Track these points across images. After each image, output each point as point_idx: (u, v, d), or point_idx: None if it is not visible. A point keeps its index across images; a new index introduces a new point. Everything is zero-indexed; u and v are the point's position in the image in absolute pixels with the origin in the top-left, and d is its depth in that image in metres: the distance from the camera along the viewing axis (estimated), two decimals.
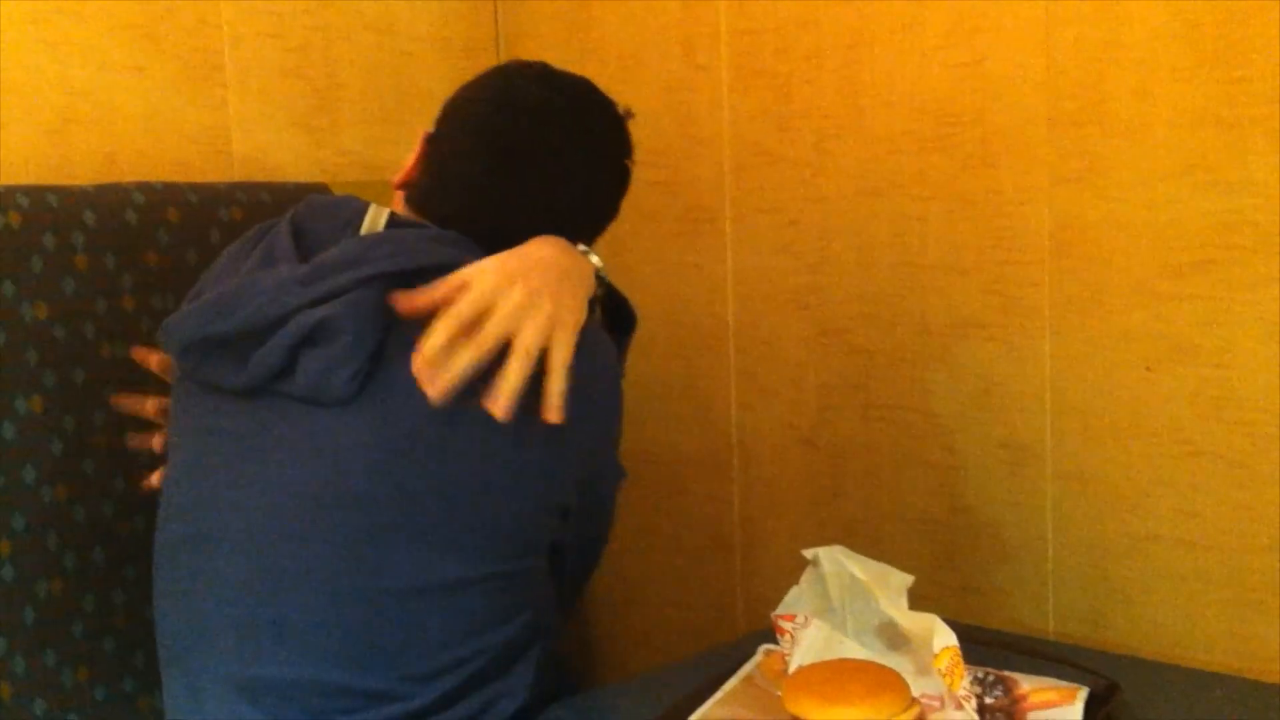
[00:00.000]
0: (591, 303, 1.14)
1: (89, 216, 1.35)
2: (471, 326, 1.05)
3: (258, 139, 1.59)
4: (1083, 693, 1.08)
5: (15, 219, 1.29)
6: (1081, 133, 1.30)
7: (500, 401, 1.04)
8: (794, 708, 1.04)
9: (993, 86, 1.36)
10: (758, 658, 1.20)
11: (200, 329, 1.13)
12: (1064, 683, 1.10)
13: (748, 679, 1.17)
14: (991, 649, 1.17)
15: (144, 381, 1.37)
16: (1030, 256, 1.35)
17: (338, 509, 1.08)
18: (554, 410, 1.06)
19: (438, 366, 1.04)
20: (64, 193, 1.35)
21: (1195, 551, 1.27)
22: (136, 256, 1.37)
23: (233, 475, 1.13)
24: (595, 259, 1.18)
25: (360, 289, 1.08)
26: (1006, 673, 1.13)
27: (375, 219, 1.17)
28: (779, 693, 1.09)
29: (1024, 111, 1.34)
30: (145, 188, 1.41)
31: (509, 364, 1.04)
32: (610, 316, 1.24)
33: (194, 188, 1.45)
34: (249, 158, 1.58)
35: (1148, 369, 1.28)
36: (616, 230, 1.71)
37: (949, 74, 1.39)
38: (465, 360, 1.04)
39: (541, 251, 1.11)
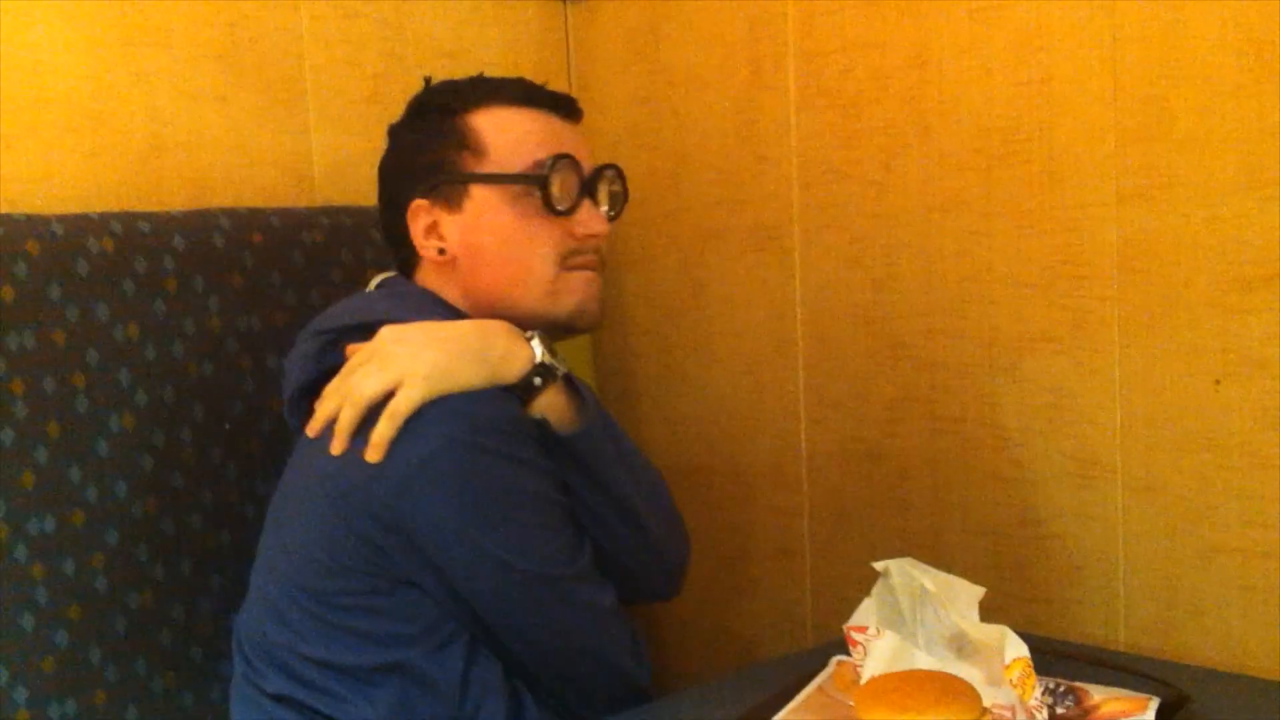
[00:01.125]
0: (529, 388, 1.20)
1: (178, 241, 1.40)
2: None
3: (338, 164, 1.63)
4: (1153, 703, 1.09)
5: (109, 244, 1.35)
6: (1147, 148, 1.31)
7: (334, 440, 1.18)
8: (867, 716, 1.06)
9: (1058, 103, 1.37)
10: (830, 668, 1.22)
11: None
12: (1134, 693, 1.11)
13: (820, 689, 1.18)
14: (1062, 660, 1.18)
15: (231, 399, 1.42)
16: (1098, 271, 1.36)
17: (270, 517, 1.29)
18: (373, 449, 1.15)
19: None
20: (154, 219, 1.40)
21: (1265, 562, 1.27)
22: (223, 279, 1.42)
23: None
24: (538, 351, 1.21)
25: (304, 342, 1.27)
26: (1077, 683, 1.14)
27: (372, 283, 1.35)
28: (851, 702, 1.11)
29: (1089, 128, 1.35)
30: (231, 213, 1.46)
31: (343, 408, 1.18)
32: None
33: (277, 212, 1.50)
34: (330, 182, 1.62)
35: (1216, 382, 1.29)
36: (688, 248, 1.74)
37: (1014, 92, 1.41)
38: (324, 408, 1.20)
39: (453, 326, 1.22)
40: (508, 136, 1.29)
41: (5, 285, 1.27)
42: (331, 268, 1.51)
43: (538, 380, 1.20)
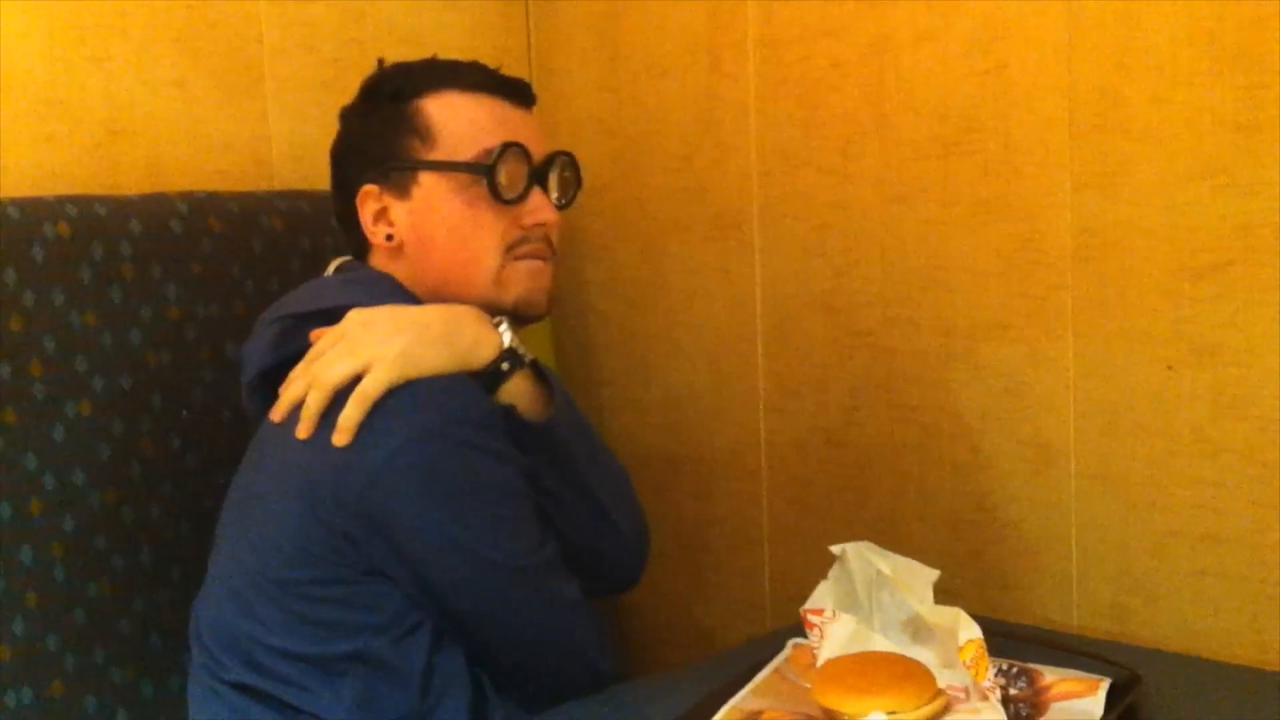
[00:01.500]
0: (497, 374, 1.21)
1: (135, 226, 1.39)
2: None
3: (296, 149, 1.63)
4: (1105, 684, 1.10)
5: (64, 229, 1.34)
6: (1102, 138, 1.32)
7: (300, 424, 1.17)
8: (823, 699, 1.07)
9: (1014, 93, 1.38)
10: (787, 651, 1.23)
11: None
12: (1087, 674, 1.13)
13: (777, 672, 1.19)
14: (1015, 642, 1.20)
15: (189, 387, 1.41)
16: (1053, 259, 1.37)
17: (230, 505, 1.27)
18: (341, 433, 1.14)
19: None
20: (111, 203, 1.39)
21: (1216, 547, 1.29)
22: (181, 265, 1.41)
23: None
24: (507, 337, 1.22)
25: (264, 328, 1.26)
26: (1030, 665, 1.15)
27: (330, 267, 1.34)
28: (808, 685, 1.12)
29: (1045, 117, 1.36)
30: (189, 197, 1.45)
31: (310, 392, 1.17)
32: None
33: (235, 197, 1.49)
34: (288, 167, 1.62)
35: (1169, 368, 1.30)
36: (649, 236, 1.75)
37: (972, 81, 1.42)
38: (290, 392, 1.20)
39: (422, 311, 1.22)
40: (457, 123, 1.28)
41: None
42: (291, 254, 1.51)
43: (505, 366, 1.21)
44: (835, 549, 1.18)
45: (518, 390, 1.22)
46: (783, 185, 1.61)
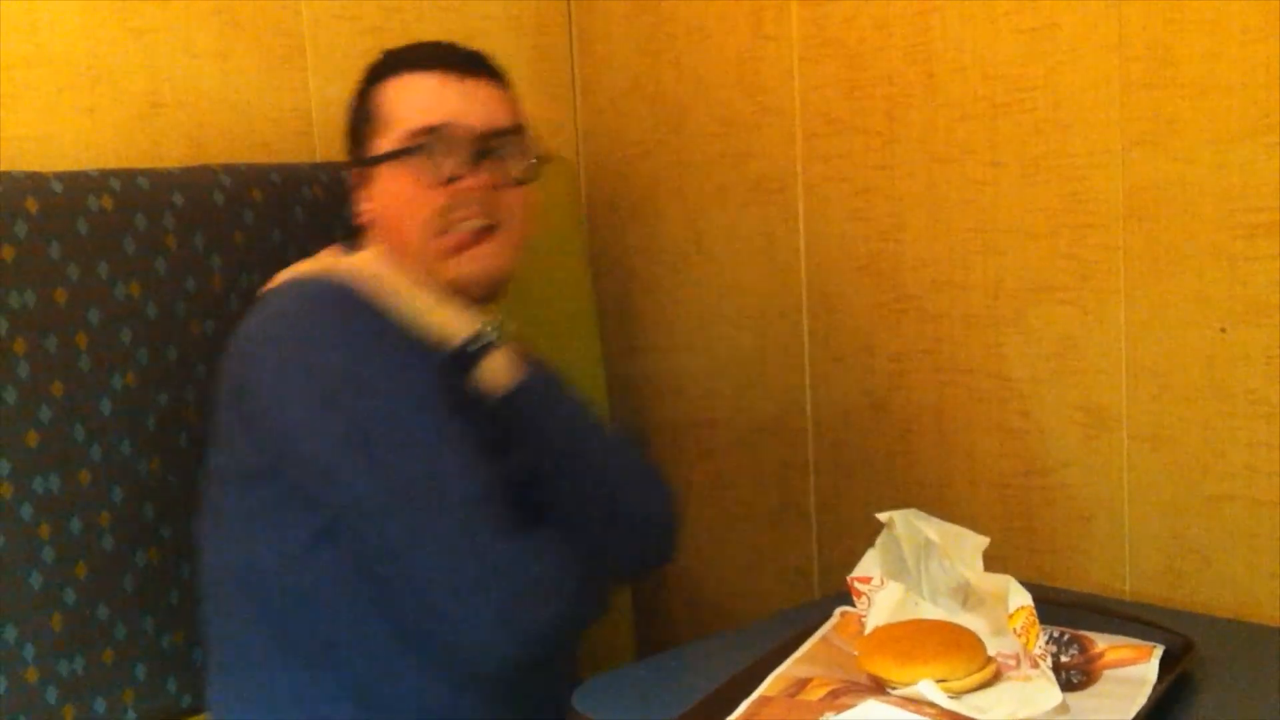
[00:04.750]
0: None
1: (178, 198, 1.39)
2: None
3: (337, 119, 1.61)
4: (1158, 650, 1.09)
5: (108, 202, 1.34)
6: (1152, 95, 1.30)
7: None
8: (870, 666, 1.06)
9: (1063, 50, 1.36)
10: (834, 619, 1.22)
11: None
12: (1139, 641, 1.11)
13: (825, 639, 1.19)
14: (1066, 609, 1.18)
15: None
16: (1104, 219, 1.35)
17: None
18: None
19: None
20: (154, 175, 1.39)
21: (1271, 510, 1.26)
22: (224, 236, 1.42)
23: None
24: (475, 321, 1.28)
25: None
26: (1082, 631, 1.14)
27: None
28: (856, 652, 1.11)
29: (1095, 75, 1.34)
30: (231, 169, 1.45)
31: None
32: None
33: (277, 168, 1.49)
34: (329, 138, 1.61)
35: (1222, 330, 1.28)
36: (690, 202, 1.73)
37: (1019, 39, 1.39)
38: None
39: None
40: (400, 107, 1.29)
41: (5, 244, 1.26)
42: (333, 224, 1.50)
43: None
44: (882, 516, 1.18)
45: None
46: (827, 148, 1.59)
